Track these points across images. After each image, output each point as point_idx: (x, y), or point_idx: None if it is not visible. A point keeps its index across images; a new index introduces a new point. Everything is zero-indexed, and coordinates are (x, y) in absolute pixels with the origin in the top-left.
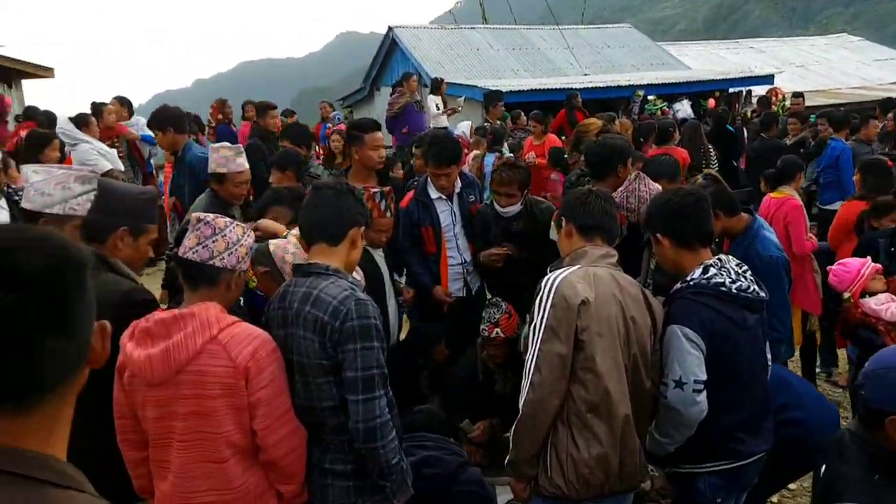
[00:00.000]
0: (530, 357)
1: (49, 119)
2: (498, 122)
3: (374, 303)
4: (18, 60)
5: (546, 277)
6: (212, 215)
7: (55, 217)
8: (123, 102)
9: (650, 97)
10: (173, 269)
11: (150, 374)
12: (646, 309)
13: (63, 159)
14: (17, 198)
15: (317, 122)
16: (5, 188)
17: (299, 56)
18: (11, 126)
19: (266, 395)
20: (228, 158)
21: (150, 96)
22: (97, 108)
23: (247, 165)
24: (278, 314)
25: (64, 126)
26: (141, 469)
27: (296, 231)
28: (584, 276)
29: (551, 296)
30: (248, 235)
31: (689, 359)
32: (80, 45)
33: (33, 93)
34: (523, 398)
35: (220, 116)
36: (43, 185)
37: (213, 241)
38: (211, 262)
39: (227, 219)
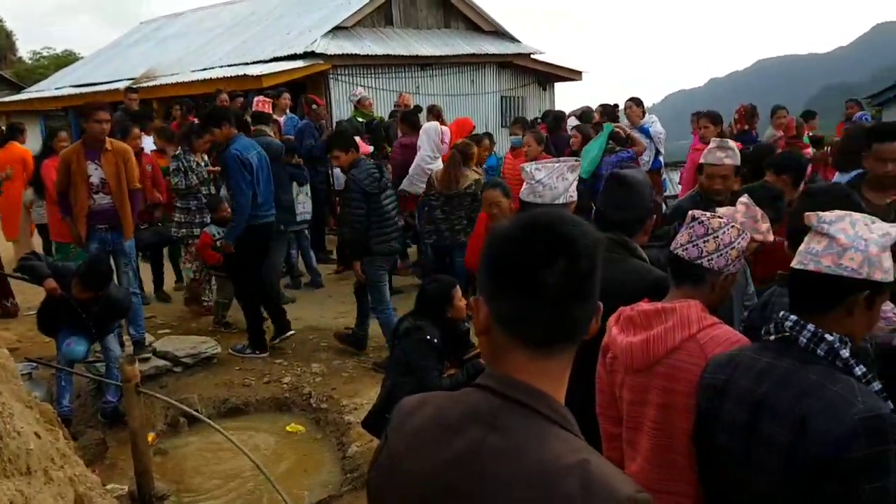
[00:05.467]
0: None
1: (555, 119)
2: None
3: None
4: (555, 66)
5: None
6: (707, 214)
7: (560, 207)
8: (638, 103)
9: None
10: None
11: (630, 360)
12: None
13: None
14: None
15: (838, 122)
16: None
17: (824, 51)
18: None
19: None
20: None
21: (663, 96)
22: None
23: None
24: None
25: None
26: (614, 443)
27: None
28: None
29: None
30: (743, 238)
31: None
32: (602, 49)
33: (563, 93)
34: None
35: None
36: (547, 180)
37: (704, 241)
38: (699, 262)
39: (724, 219)
